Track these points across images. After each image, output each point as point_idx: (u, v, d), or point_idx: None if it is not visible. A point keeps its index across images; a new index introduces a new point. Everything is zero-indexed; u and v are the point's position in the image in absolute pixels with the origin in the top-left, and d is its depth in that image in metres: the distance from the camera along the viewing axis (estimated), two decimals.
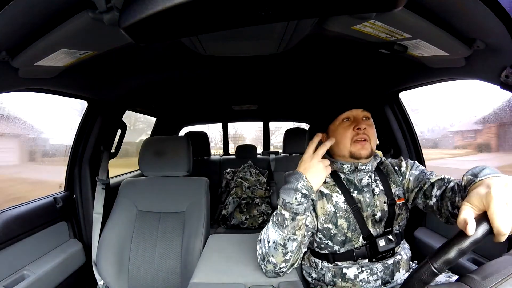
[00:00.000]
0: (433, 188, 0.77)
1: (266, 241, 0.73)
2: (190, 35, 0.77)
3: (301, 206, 0.69)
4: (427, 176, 0.81)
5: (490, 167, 0.59)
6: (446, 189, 0.73)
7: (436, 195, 0.75)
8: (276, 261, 0.72)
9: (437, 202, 0.75)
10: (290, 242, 0.70)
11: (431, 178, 0.79)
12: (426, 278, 0.41)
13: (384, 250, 0.80)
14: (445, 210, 0.71)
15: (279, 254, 0.71)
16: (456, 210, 0.66)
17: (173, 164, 1.26)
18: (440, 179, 0.78)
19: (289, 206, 0.69)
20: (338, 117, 0.86)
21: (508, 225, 0.40)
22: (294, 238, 0.70)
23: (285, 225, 0.70)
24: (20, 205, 1.10)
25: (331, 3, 0.41)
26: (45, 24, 0.58)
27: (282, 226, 0.70)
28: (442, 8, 0.57)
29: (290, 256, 0.72)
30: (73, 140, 1.38)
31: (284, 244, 0.70)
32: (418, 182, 0.82)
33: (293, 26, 0.78)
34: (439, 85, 1.13)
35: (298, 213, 0.69)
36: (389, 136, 1.48)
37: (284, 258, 0.72)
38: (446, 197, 0.71)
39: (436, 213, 0.76)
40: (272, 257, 0.72)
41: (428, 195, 0.78)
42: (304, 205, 0.69)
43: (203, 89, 1.68)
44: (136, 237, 1.17)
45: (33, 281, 1.00)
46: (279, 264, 0.72)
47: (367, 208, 0.82)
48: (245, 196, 2.21)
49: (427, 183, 0.80)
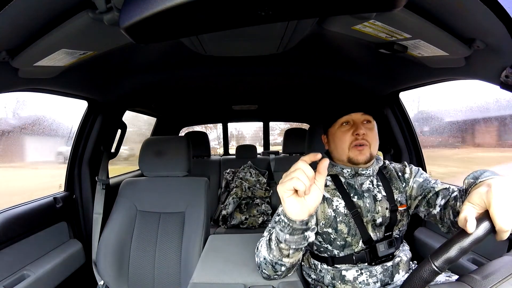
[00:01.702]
0: (437, 198, 0.76)
1: (260, 253, 0.72)
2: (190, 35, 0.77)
3: (282, 234, 0.60)
4: (432, 185, 0.80)
5: (490, 171, 0.59)
6: (449, 199, 0.72)
7: (440, 204, 0.74)
8: (268, 273, 0.71)
9: (440, 212, 0.74)
10: (278, 266, 0.67)
11: (436, 187, 0.78)
12: (427, 277, 0.41)
13: (384, 254, 0.80)
14: (447, 219, 0.70)
15: (270, 271, 0.70)
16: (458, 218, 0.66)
17: (173, 164, 1.26)
18: (445, 189, 0.76)
19: (277, 226, 0.63)
20: (337, 120, 0.85)
21: (510, 221, 0.40)
22: (282, 264, 0.66)
23: (271, 248, 0.66)
24: (20, 205, 1.10)
25: (331, 3, 0.41)
26: (45, 24, 0.58)
27: (269, 247, 0.67)
28: (442, 8, 0.57)
29: (281, 274, 0.71)
30: (73, 140, 1.38)
31: (272, 265, 0.68)
32: (422, 190, 0.81)
33: (293, 26, 0.78)
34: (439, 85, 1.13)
35: (280, 241, 0.62)
36: (389, 136, 1.47)
37: (275, 274, 0.71)
38: (449, 206, 0.70)
39: (438, 222, 0.75)
40: (264, 270, 0.71)
41: (432, 204, 0.77)
42: (286, 235, 0.59)
43: (203, 89, 1.68)
44: (136, 237, 1.17)
45: (33, 281, 1.00)
46: (272, 276, 0.72)
47: (367, 214, 0.81)
48: (245, 196, 2.21)
49: (431, 191, 0.78)
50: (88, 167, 1.39)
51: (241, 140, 5.58)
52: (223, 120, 3.06)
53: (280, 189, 0.54)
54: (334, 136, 0.86)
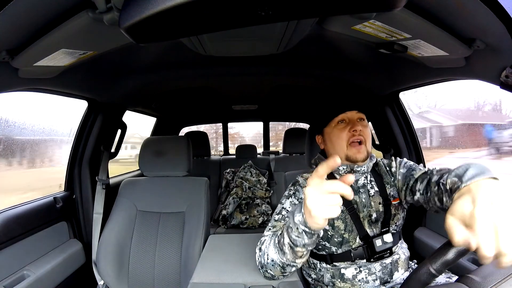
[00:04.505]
0: (417, 183, 0.77)
1: (266, 255, 0.70)
2: (190, 35, 0.77)
3: (300, 240, 0.60)
4: (412, 172, 0.81)
5: (475, 165, 0.56)
6: (429, 182, 0.72)
7: (420, 189, 0.75)
8: (273, 274, 0.71)
9: (422, 196, 0.74)
10: (289, 267, 0.68)
11: (415, 174, 0.80)
12: (425, 280, 0.41)
13: (381, 250, 0.80)
14: (432, 204, 0.71)
15: (277, 271, 0.70)
16: (446, 207, 0.64)
17: (173, 164, 1.26)
18: (424, 173, 0.78)
19: (289, 233, 0.62)
20: (333, 119, 0.86)
21: (493, 249, 0.37)
22: (293, 265, 0.67)
23: (284, 251, 0.65)
24: (20, 205, 1.10)
25: (331, 3, 0.41)
26: (45, 24, 0.58)
27: (282, 251, 0.65)
28: (442, 8, 0.57)
29: (289, 273, 0.72)
30: (73, 140, 1.38)
31: (282, 267, 0.68)
32: (405, 180, 0.83)
33: (293, 26, 0.78)
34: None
35: (297, 245, 0.61)
36: (389, 136, 1.47)
37: (282, 274, 0.71)
38: (432, 192, 0.69)
39: (426, 206, 0.76)
40: (270, 271, 0.71)
41: (414, 191, 0.78)
42: (305, 240, 0.59)
43: (203, 89, 1.68)
44: (136, 237, 1.17)
45: (33, 281, 1.00)
46: (277, 276, 0.72)
47: (363, 209, 0.82)
48: (245, 196, 2.21)
49: (411, 179, 0.80)
50: (88, 167, 1.39)
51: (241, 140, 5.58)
52: (223, 120, 3.06)
53: (322, 212, 0.51)
54: (330, 135, 0.86)
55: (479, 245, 0.38)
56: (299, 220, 0.58)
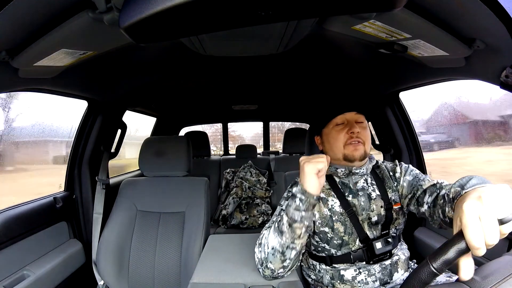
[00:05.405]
0: (425, 195, 0.76)
1: (266, 246, 0.74)
2: (190, 35, 0.77)
3: (297, 212, 0.68)
4: (420, 182, 0.80)
5: (477, 177, 0.59)
6: (438, 196, 0.71)
7: (428, 202, 0.74)
8: (274, 267, 0.72)
9: (429, 209, 0.73)
10: (289, 250, 0.71)
11: (424, 185, 0.78)
12: (426, 279, 0.41)
13: (381, 252, 0.80)
14: (437, 217, 0.70)
15: (277, 261, 0.72)
16: (447, 219, 0.65)
17: (173, 164, 1.26)
18: (432, 185, 0.76)
19: (287, 210, 0.70)
20: (331, 121, 0.86)
21: (480, 239, 0.38)
22: (293, 247, 0.71)
23: (283, 231, 0.70)
24: (20, 205, 1.10)
25: (331, 3, 0.41)
26: (45, 24, 0.58)
27: (281, 232, 0.71)
28: (442, 8, 0.57)
29: (289, 263, 0.73)
30: (73, 140, 1.38)
31: (282, 252, 0.71)
32: (411, 189, 0.81)
33: (293, 26, 0.79)
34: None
35: (295, 220, 0.68)
36: (389, 136, 1.47)
37: (282, 265, 0.72)
38: (438, 205, 0.69)
39: (429, 219, 0.75)
40: (270, 263, 0.72)
41: (421, 202, 0.77)
42: (302, 212, 0.68)
43: (203, 89, 1.68)
44: (136, 237, 1.17)
45: (33, 281, 1.00)
46: (277, 270, 0.73)
47: (362, 212, 0.82)
48: (245, 196, 2.21)
49: (419, 189, 0.78)
50: (88, 167, 1.39)
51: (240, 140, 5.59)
52: (223, 120, 3.06)
53: (311, 167, 0.69)
54: (328, 136, 0.86)
55: (466, 237, 0.39)
56: (296, 190, 0.70)
